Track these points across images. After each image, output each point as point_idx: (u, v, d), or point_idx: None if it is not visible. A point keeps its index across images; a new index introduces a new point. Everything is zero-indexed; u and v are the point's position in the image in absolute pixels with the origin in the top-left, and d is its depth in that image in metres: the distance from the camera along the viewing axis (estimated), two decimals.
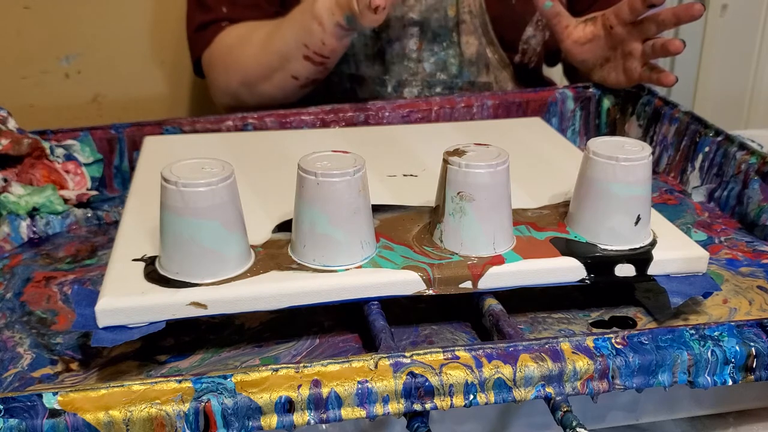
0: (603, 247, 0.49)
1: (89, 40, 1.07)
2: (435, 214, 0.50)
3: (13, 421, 0.35)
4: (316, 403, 0.37)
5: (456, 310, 0.50)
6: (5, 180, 0.62)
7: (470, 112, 0.77)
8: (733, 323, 0.42)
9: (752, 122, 1.62)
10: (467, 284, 0.47)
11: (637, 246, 0.50)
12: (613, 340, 0.40)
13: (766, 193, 0.60)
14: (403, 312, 0.50)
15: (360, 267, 0.47)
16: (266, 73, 0.81)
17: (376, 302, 0.47)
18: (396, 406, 0.38)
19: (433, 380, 0.38)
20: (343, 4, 0.71)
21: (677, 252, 0.49)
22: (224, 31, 0.86)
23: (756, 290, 0.53)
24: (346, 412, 0.37)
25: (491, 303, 0.47)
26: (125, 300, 0.44)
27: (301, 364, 0.37)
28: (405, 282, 0.46)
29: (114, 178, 0.70)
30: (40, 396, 0.35)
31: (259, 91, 0.83)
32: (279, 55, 0.79)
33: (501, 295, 0.48)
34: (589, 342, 0.40)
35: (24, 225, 0.61)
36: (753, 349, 0.41)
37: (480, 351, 0.39)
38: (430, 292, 0.47)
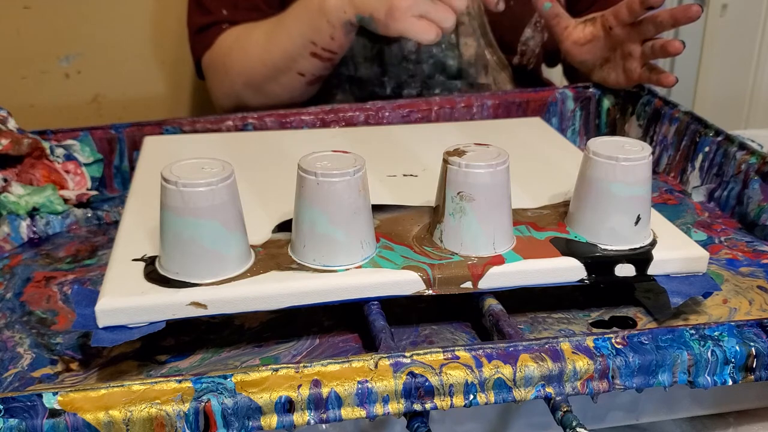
0: (603, 247, 0.49)
1: (89, 40, 1.07)
2: (435, 214, 0.50)
3: (13, 421, 0.35)
4: (316, 403, 0.37)
5: (456, 310, 0.50)
6: (5, 180, 0.62)
7: (470, 112, 0.77)
8: (733, 323, 0.42)
9: (752, 122, 1.62)
10: (467, 284, 0.47)
11: (637, 246, 0.50)
12: (613, 340, 0.40)
13: (766, 193, 0.60)
14: (403, 312, 0.50)
15: (360, 267, 0.47)
16: (271, 73, 0.80)
17: (376, 302, 0.47)
18: (396, 406, 0.38)
19: (433, 380, 0.38)
20: (359, 5, 0.71)
21: (677, 252, 0.50)
22: (224, 33, 0.86)
23: (756, 290, 0.53)
24: (346, 412, 0.37)
25: (491, 303, 0.47)
26: (125, 300, 0.44)
27: (301, 364, 0.37)
28: (405, 282, 0.46)
29: (114, 178, 0.70)
30: (40, 396, 0.35)
31: (265, 91, 0.82)
32: (284, 53, 0.78)
33: (501, 295, 0.48)
34: (589, 342, 0.40)
35: (24, 225, 0.61)
36: (753, 349, 0.41)
37: (480, 351, 0.39)
38: (430, 292, 0.47)
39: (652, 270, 0.49)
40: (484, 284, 0.47)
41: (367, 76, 0.86)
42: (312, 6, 0.75)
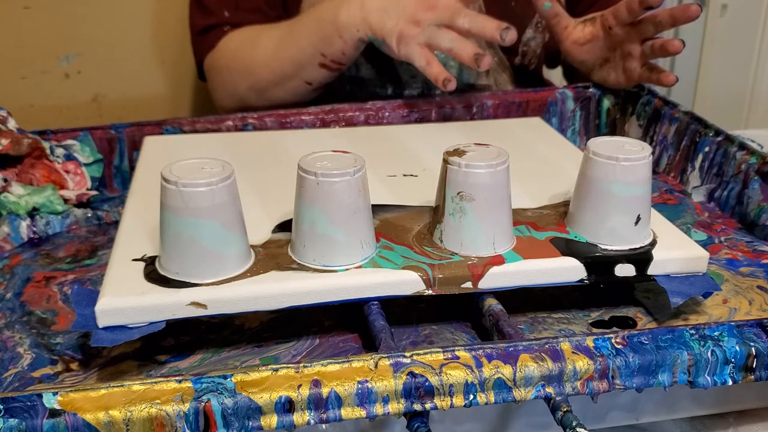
0: (603, 247, 0.49)
1: (89, 40, 1.07)
2: (435, 214, 0.50)
3: (13, 421, 0.35)
4: (316, 403, 0.37)
5: (456, 310, 0.50)
6: (5, 180, 0.62)
7: (470, 112, 0.77)
8: (733, 323, 0.42)
9: (752, 122, 1.62)
10: (467, 284, 0.47)
11: (637, 246, 0.50)
12: (613, 340, 0.40)
13: (766, 193, 0.60)
14: (403, 312, 0.50)
15: (360, 267, 0.47)
16: (278, 80, 0.81)
17: (376, 302, 0.47)
18: (396, 406, 0.38)
19: (433, 380, 0.38)
20: (375, 28, 0.72)
21: (677, 252, 0.49)
22: (227, 36, 0.86)
23: (756, 290, 0.53)
24: (346, 412, 0.37)
25: (491, 303, 0.47)
26: (125, 300, 0.44)
27: (301, 364, 0.37)
28: (405, 282, 0.46)
29: (114, 178, 0.70)
30: (40, 396, 0.35)
31: (269, 95, 0.83)
32: (293, 62, 0.79)
33: (501, 295, 0.48)
34: (589, 342, 0.40)
35: (24, 225, 0.61)
36: (753, 349, 0.41)
37: (480, 351, 0.39)
38: (430, 292, 0.47)
39: (652, 270, 0.49)
40: (484, 284, 0.47)
41: (368, 77, 0.86)
42: (324, 19, 0.75)
